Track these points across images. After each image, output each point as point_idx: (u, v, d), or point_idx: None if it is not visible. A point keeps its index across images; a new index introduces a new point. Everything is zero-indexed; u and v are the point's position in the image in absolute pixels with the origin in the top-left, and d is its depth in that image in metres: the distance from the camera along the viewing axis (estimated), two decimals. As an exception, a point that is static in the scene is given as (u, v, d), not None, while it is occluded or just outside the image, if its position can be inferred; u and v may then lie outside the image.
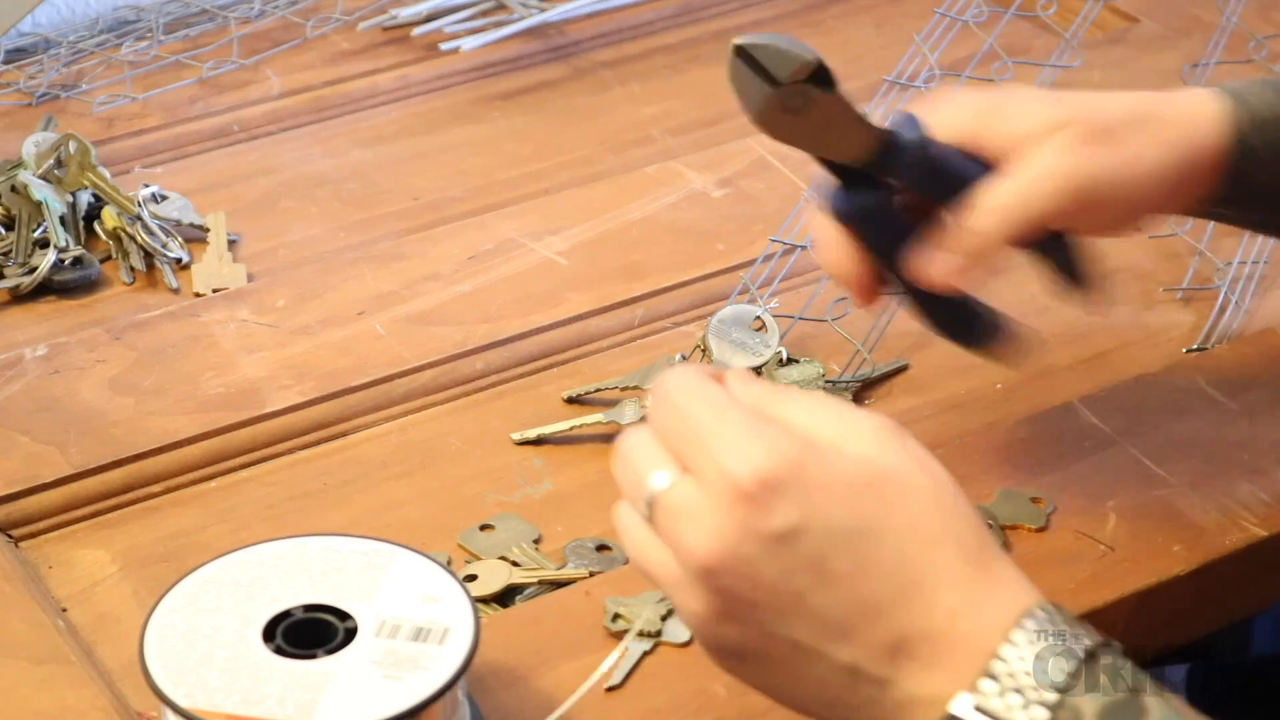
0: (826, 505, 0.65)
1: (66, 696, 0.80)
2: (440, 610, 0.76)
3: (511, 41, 1.32)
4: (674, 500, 0.67)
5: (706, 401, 0.67)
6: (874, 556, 0.66)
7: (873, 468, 0.67)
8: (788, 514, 0.65)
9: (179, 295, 1.07)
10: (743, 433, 0.66)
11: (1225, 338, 1.03)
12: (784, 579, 0.65)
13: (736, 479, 0.65)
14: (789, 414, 0.68)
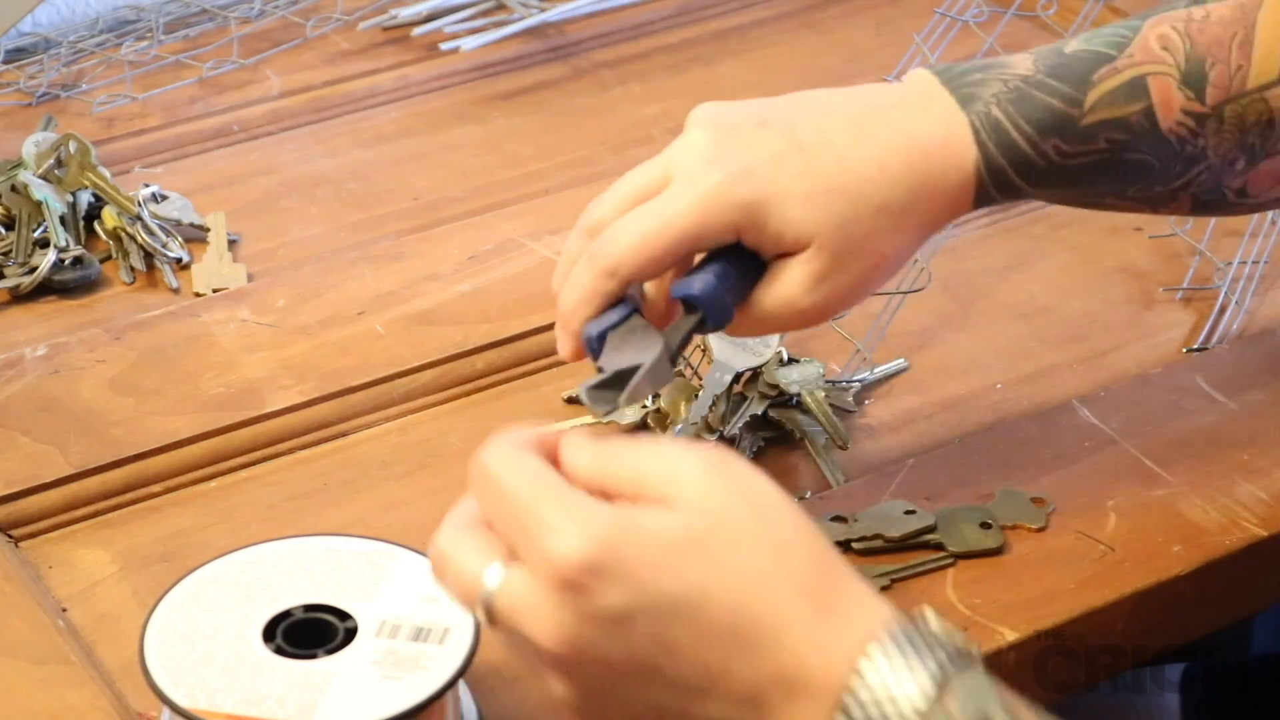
0: (649, 579, 0.65)
1: (66, 696, 0.80)
2: (440, 610, 0.76)
3: (511, 41, 1.32)
4: (509, 596, 0.66)
5: (522, 478, 0.67)
6: (708, 619, 0.65)
7: (692, 524, 0.66)
8: (614, 596, 0.64)
9: (179, 295, 1.07)
10: (558, 515, 0.65)
11: (1225, 338, 1.03)
12: (631, 655, 0.65)
13: (559, 566, 0.64)
14: (617, 470, 0.67)
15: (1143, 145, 0.86)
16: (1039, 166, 0.85)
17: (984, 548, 0.87)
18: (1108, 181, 0.87)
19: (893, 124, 0.84)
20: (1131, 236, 1.11)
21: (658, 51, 1.33)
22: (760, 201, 0.81)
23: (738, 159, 0.82)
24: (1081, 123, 0.85)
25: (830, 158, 0.83)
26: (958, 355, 1.03)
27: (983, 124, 0.84)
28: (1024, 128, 0.84)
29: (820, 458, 0.94)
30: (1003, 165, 0.84)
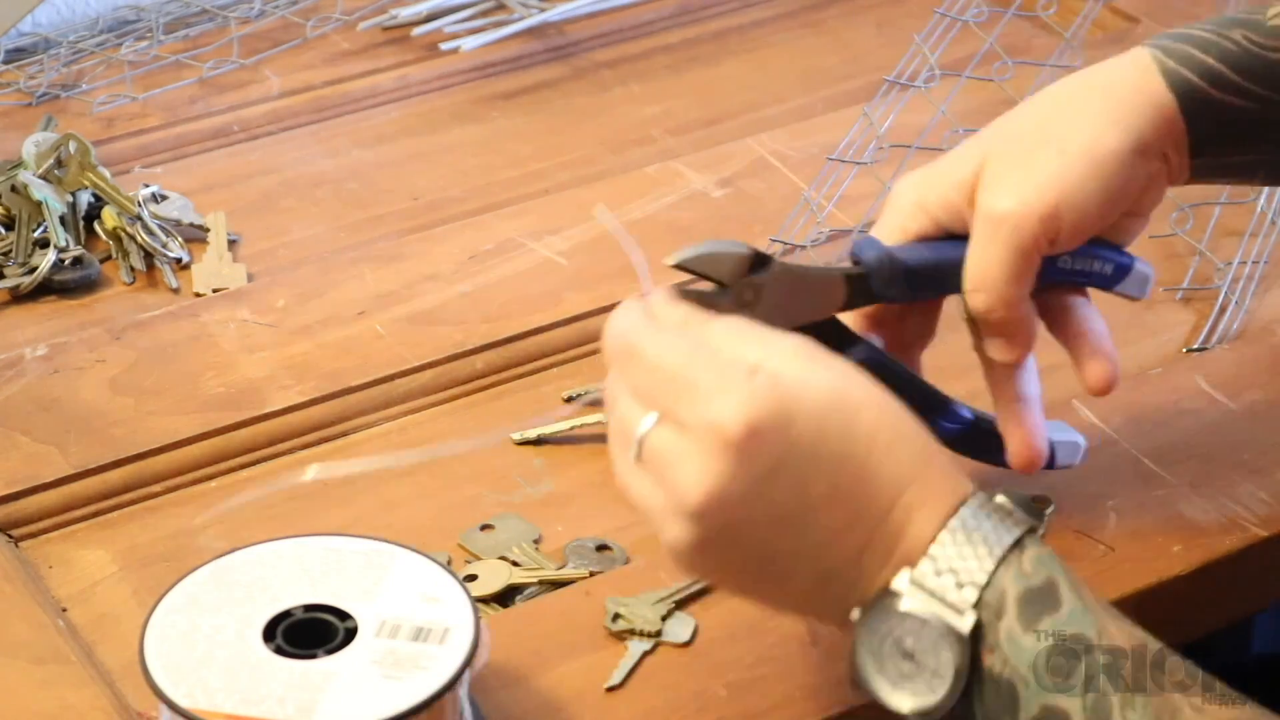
0: (801, 438, 0.69)
1: (67, 696, 0.80)
2: (440, 610, 0.76)
3: (511, 41, 1.32)
4: (663, 443, 0.70)
5: (672, 350, 0.70)
6: (845, 474, 0.70)
7: (828, 390, 0.70)
8: (770, 454, 0.68)
9: (179, 295, 1.07)
10: (719, 382, 0.69)
11: (1225, 338, 1.03)
12: (769, 510, 0.69)
13: (724, 430, 0.68)
14: (716, 339, 0.71)
15: None
16: (1229, 60, 0.83)
17: (984, 548, 0.87)
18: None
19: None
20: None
21: (658, 51, 1.33)
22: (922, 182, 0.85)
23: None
24: (1270, 22, 0.84)
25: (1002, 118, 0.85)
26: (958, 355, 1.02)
27: (1163, 53, 0.84)
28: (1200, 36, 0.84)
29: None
30: (1188, 75, 0.83)
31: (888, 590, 0.70)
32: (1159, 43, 0.85)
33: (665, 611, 0.84)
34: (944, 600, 0.69)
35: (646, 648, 0.83)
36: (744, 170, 1.16)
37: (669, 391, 0.70)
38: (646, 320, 0.72)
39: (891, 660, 0.70)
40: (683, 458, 0.69)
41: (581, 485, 0.94)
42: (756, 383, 0.68)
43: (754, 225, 1.11)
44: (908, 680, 0.70)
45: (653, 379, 0.71)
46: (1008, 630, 0.69)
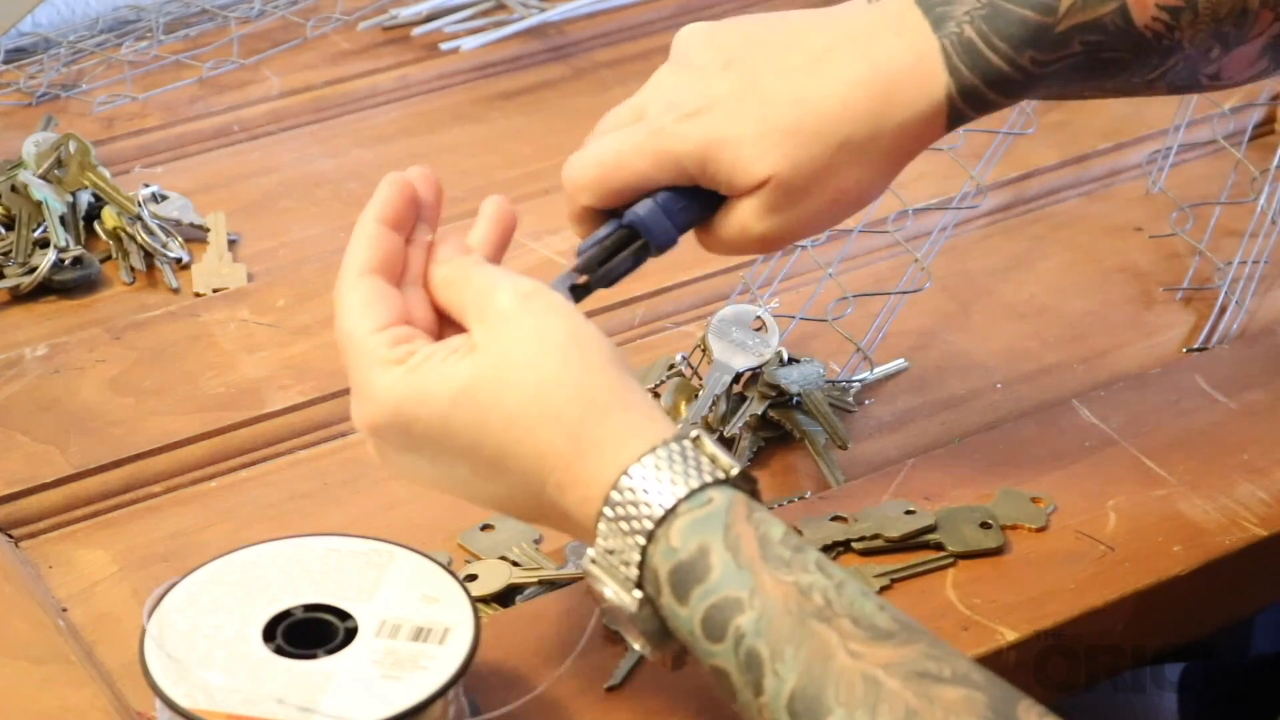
0: (427, 438, 0.75)
1: (66, 696, 0.80)
2: (440, 610, 0.76)
3: (511, 41, 1.32)
4: None
5: (344, 338, 0.78)
6: (480, 462, 0.75)
7: (469, 375, 0.74)
8: (400, 448, 0.76)
9: (179, 295, 1.07)
10: (361, 380, 0.76)
11: (1225, 338, 1.03)
12: (433, 476, 0.77)
13: (358, 426, 0.77)
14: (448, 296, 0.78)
15: (1118, 44, 0.87)
16: (1016, 80, 0.85)
17: (984, 548, 0.87)
18: (1083, 81, 0.88)
19: (860, 55, 0.85)
20: (1131, 236, 1.11)
21: (658, 51, 1.32)
22: (712, 144, 0.83)
23: (695, 101, 0.84)
24: (1056, 30, 0.85)
25: (788, 99, 0.84)
26: (958, 355, 1.03)
27: (954, 47, 0.84)
28: (998, 44, 0.84)
29: (820, 458, 0.94)
30: (976, 84, 0.85)
31: (589, 564, 0.74)
32: (960, 75, 0.84)
33: (665, 611, 0.84)
34: (615, 580, 0.72)
35: (646, 648, 0.82)
36: (744, 170, 1.16)
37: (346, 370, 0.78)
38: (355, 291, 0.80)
39: (610, 617, 0.74)
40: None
41: (581, 485, 0.94)
42: (384, 382, 0.75)
43: (754, 225, 1.11)
44: (631, 635, 0.74)
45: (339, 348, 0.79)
46: (668, 605, 0.71)
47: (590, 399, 0.74)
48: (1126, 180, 1.17)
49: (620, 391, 0.74)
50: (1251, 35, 0.88)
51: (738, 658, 0.69)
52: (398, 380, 0.75)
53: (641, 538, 0.71)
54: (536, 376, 0.74)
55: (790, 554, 0.70)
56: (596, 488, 0.73)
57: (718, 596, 0.70)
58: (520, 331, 0.75)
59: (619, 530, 0.72)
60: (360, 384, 0.77)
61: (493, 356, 0.75)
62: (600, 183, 0.86)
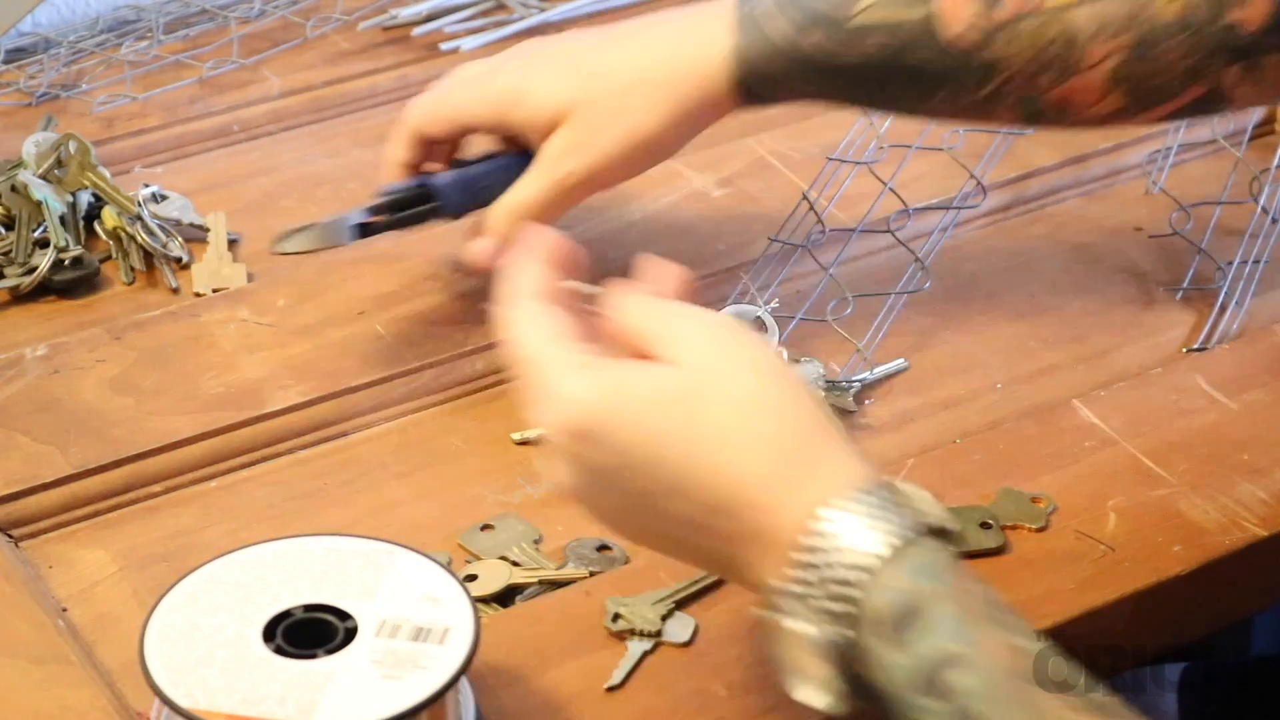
0: (630, 441, 0.71)
1: (66, 696, 0.80)
2: (440, 610, 0.76)
3: (511, 41, 1.31)
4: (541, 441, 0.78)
5: (524, 349, 0.74)
6: (683, 476, 0.71)
7: (681, 381, 0.72)
8: (598, 457, 0.72)
9: (179, 295, 1.07)
10: (548, 385, 0.73)
11: (1225, 338, 1.03)
12: (622, 502, 0.73)
13: (554, 431, 0.73)
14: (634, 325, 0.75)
15: (921, 52, 0.92)
16: (798, 59, 0.93)
17: (984, 548, 0.87)
18: (897, 85, 0.93)
19: (665, 23, 0.98)
20: (1131, 236, 1.11)
21: (658, 51, 1.33)
22: (517, 84, 0.97)
23: (509, 61, 1.00)
24: (848, 24, 0.92)
25: (593, 51, 0.98)
26: (958, 355, 1.03)
27: (743, 19, 0.94)
28: (782, 24, 0.93)
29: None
30: (757, 54, 0.93)
31: (774, 594, 0.70)
32: (741, 41, 0.94)
33: (665, 611, 0.84)
34: (815, 613, 0.68)
35: (646, 648, 0.83)
36: (744, 170, 1.16)
37: (528, 386, 0.75)
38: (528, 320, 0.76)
39: (789, 657, 0.70)
40: (549, 453, 0.75)
41: (581, 485, 0.94)
42: (588, 382, 0.72)
43: (754, 225, 1.11)
44: (808, 681, 0.69)
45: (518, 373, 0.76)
46: (877, 648, 0.67)
47: (803, 426, 0.72)
48: (1126, 180, 1.17)
49: (829, 427, 0.72)
50: (1085, 65, 0.92)
51: (954, 717, 0.66)
52: (596, 380, 0.72)
53: (858, 571, 0.68)
54: (749, 395, 0.72)
55: (1005, 616, 0.68)
56: (806, 514, 0.69)
57: (939, 649, 0.66)
58: (728, 352, 0.73)
59: (825, 562, 0.68)
60: (549, 390, 0.73)
61: (700, 371, 0.72)
62: (425, 126, 1.01)
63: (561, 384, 0.72)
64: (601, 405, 0.72)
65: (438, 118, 1.00)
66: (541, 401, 0.73)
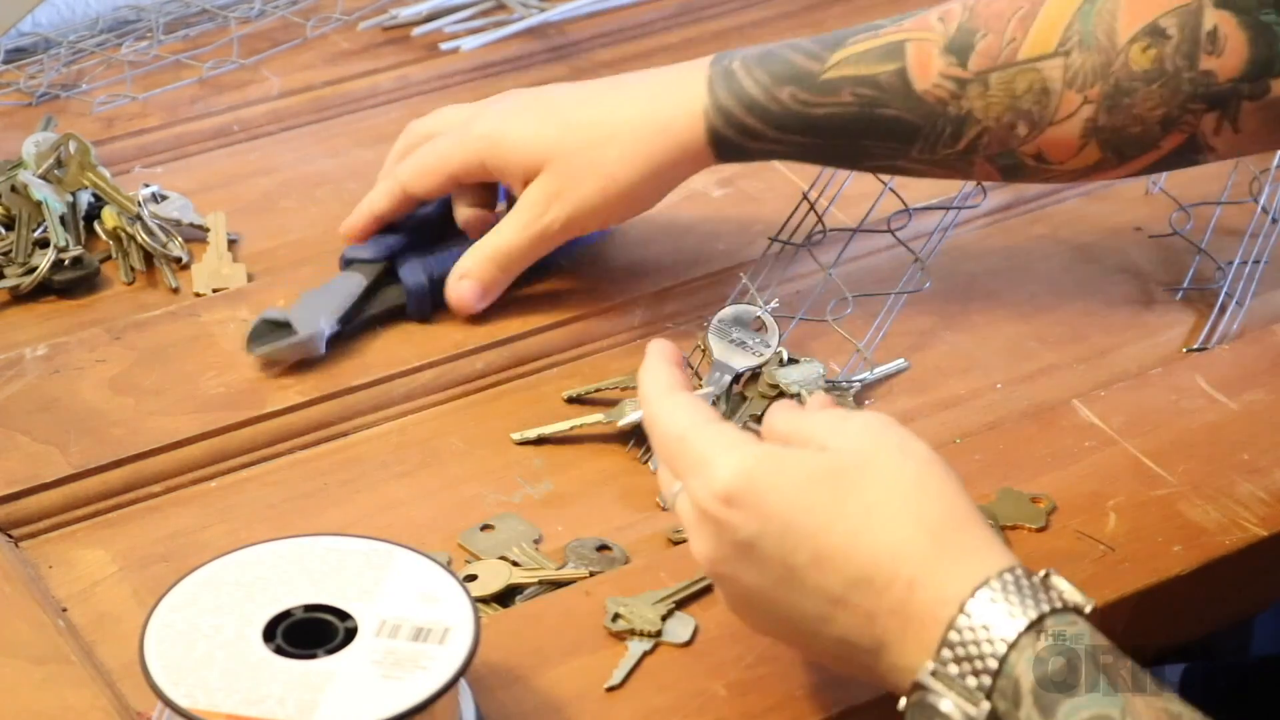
0: (779, 508, 0.73)
1: (66, 696, 0.80)
2: (440, 610, 0.76)
3: (511, 41, 1.32)
4: (678, 511, 0.77)
5: (679, 428, 0.77)
6: (831, 549, 0.72)
7: (833, 461, 0.74)
8: (746, 524, 0.73)
9: (179, 295, 1.07)
10: (704, 455, 0.75)
11: (1225, 338, 1.03)
12: (762, 579, 0.74)
13: (701, 501, 0.74)
14: (799, 426, 0.77)
15: (895, 103, 0.94)
16: (774, 111, 0.95)
17: (984, 548, 0.87)
18: (872, 138, 0.95)
19: (644, 78, 1.01)
20: (1131, 236, 1.11)
21: (658, 51, 1.33)
22: (496, 130, 1.00)
23: (489, 107, 1.03)
24: (821, 76, 0.95)
25: (572, 103, 1.01)
26: (958, 355, 1.03)
27: (718, 74, 0.97)
28: (758, 76, 0.95)
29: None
30: (731, 107, 0.95)
31: (916, 680, 0.71)
32: (716, 95, 0.97)
33: (665, 611, 0.84)
34: (961, 690, 0.70)
35: (646, 648, 0.83)
36: (744, 170, 1.16)
37: (674, 463, 0.77)
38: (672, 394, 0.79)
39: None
40: (688, 527, 0.76)
41: (581, 485, 0.94)
42: (734, 453, 0.74)
43: (754, 225, 1.11)
44: None
45: (662, 449, 0.78)
46: (1026, 717, 0.69)
47: (950, 508, 0.73)
48: (1127, 180, 1.17)
49: (974, 511, 0.74)
50: (1060, 117, 0.93)
51: None
52: (751, 452, 0.74)
53: (1004, 644, 0.69)
54: (898, 475, 0.74)
55: (1154, 684, 0.69)
56: (953, 592, 0.71)
57: (1088, 714, 0.68)
58: (877, 438, 0.75)
59: (975, 638, 0.70)
60: (705, 460, 0.75)
61: (850, 454, 0.74)
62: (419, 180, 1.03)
63: (718, 454, 0.74)
64: (755, 473, 0.73)
65: (427, 178, 1.03)
66: (695, 472, 0.75)
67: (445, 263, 1.04)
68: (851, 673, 0.76)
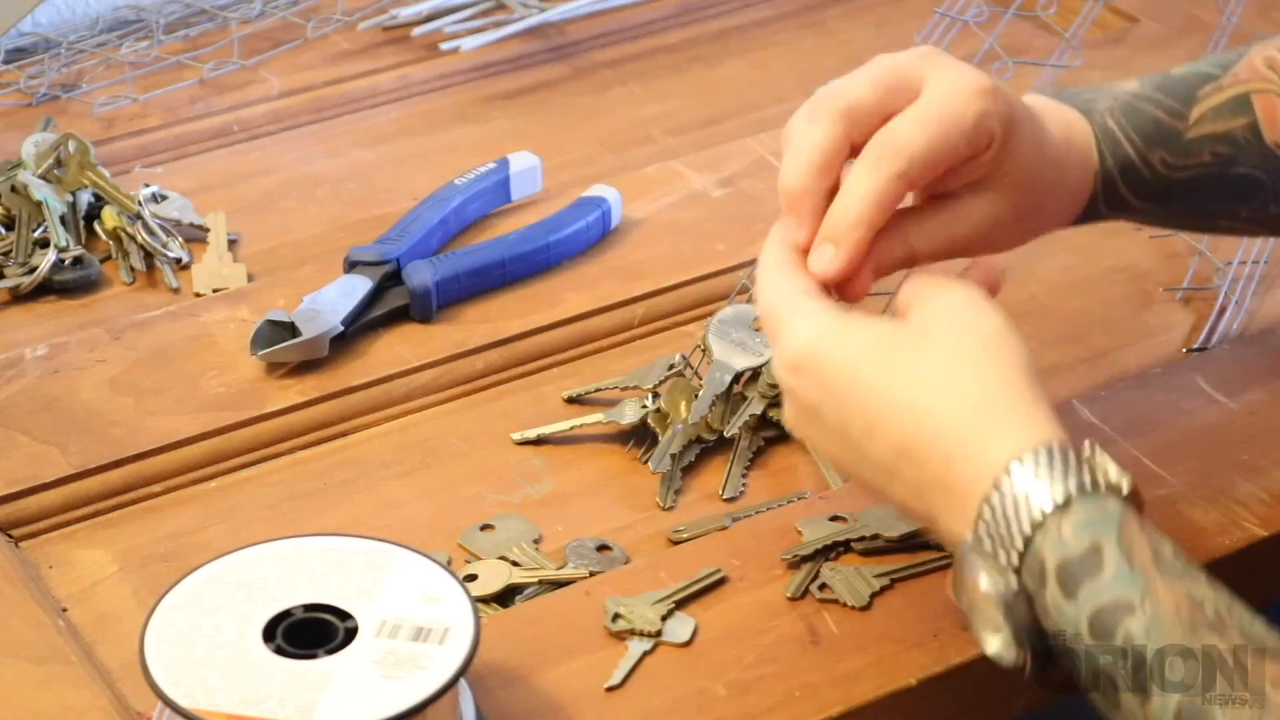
0: (835, 378, 0.76)
1: (66, 696, 0.80)
2: (440, 610, 0.76)
3: (511, 41, 1.32)
4: None
5: (766, 298, 0.79)
6: (878, 418, 0.75)
7: (891, 334, 0.76)
8: (809, 392, 0.77)
9: (179, 295, 1.07)
10: (782, 324, 0.78)
11: (1225, 338, 1.03)
12: (829, 442, 0.78)
13: (776, 368, 0.79)
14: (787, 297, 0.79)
15: (1248, 159, 0.88)
16: (1145, 178, 0.88)
17: (984, 548, 0.87)
18: (1217, 199, 0.89)
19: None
20: (1132, 236, 1.11)
21: (658, 51, 1.33)
22: (1013, 117, 0.81)
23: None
24: (1186, 136, 0.88)
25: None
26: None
27: (1100, 133, 0.87)
28: (1134, 138, 0.88)
29: (820, 458, 0.94)
30: (1114, 175, 0.88)
31: (960, 552, 0.72)
32: (1105, 160, 0.87)
33: (665, 611, 0.84)
34: (993, 563, 0.71)
35: (646, 648, 0.83)
36: (744, 170, 1.16)
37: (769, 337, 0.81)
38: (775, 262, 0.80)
39: (976, 609, 0.72)
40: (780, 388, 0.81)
41: (581, 485, 0.94)
42: (802, 325, 0.77)
43: (754, 225, 1.11)
44: (993, 630, 0.72)
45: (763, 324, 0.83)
46: (1052, 598, 0.70)
47: (1001, 384, 0.74)
48: (1126, 180, 1.17)
49: (1027, 390, 0.74)
50: None
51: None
52: (819, 323, 0.77)
53: (1032, 524, 0.70)
54: (954, 349, 0.75)
55: (1182, 566, 0.70)
56: (988, 467, 0.72)
57: (1109, 596, 0.69)
58: (953, 312, 0.76)
59: (1005, 515, 0.71)
60: (780, 330, 0.78)
61: (915, 326, 0.76)
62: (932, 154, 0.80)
63: (791, 323, 0.77)
64: (817, 343, 0.76)
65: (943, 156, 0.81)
66: (774, 341, 0.79)
67: (449, 265, 1.04)
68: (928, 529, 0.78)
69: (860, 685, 0.80)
